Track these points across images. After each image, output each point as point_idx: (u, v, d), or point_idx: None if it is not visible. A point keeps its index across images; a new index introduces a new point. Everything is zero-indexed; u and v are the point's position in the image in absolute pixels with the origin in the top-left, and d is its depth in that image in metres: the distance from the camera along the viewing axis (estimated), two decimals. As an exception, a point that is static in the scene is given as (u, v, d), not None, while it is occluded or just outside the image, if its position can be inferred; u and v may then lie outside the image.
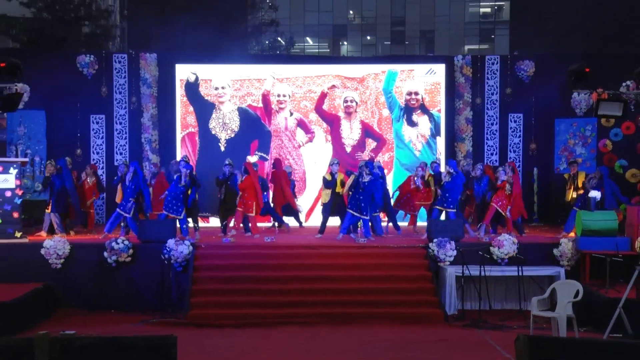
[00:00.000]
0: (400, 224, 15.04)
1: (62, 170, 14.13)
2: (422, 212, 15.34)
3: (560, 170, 16.62)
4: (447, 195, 13.82)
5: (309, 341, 10.20)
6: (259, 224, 15.01)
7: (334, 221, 14.89)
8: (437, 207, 13.98)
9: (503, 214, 13.82)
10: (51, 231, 13.99)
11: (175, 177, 13.77)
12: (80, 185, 14.86)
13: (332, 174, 14.64)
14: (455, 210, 13.91)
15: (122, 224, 13.90)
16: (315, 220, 16.43)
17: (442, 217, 14.08)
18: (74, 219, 14.81)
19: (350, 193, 13.71)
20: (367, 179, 13.53)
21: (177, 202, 13.52)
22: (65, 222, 14.31)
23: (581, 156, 16.61)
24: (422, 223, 15.19)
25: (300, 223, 15.81)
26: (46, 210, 14.15)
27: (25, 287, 11.69)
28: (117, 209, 13.79)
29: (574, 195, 14.73)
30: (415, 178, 14.72)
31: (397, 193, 15.18)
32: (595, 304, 10.96)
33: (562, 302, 9.94)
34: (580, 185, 14.69)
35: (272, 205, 15.39)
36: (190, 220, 14.06)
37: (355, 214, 13.59)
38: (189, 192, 13.64)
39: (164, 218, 13.59)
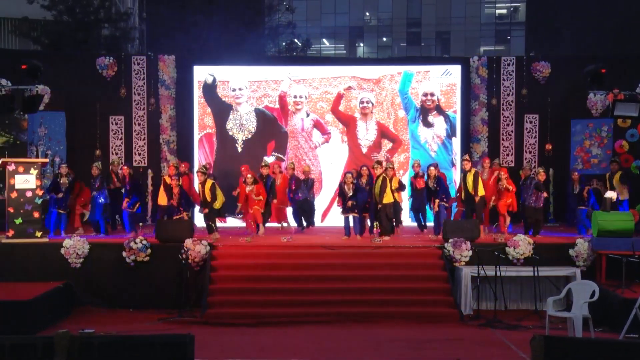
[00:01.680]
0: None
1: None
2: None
3: (577, 170, 16.54)
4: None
5: (325, 340, 10.27)
6: (268, 225, 15.17)
7: (339, 221, 15.03)
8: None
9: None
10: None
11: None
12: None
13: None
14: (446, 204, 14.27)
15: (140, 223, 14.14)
16: (331, 221, 16.52)
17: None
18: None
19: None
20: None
21: None
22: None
23: (597, 157, 16.56)
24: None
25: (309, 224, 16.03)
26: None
27: (45, 286, 11.89)
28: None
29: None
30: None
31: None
32: (611, 305, 10.96)
33: (578, 303, 9.96)
34: (614, 183, 14.50)
35: None
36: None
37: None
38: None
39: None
